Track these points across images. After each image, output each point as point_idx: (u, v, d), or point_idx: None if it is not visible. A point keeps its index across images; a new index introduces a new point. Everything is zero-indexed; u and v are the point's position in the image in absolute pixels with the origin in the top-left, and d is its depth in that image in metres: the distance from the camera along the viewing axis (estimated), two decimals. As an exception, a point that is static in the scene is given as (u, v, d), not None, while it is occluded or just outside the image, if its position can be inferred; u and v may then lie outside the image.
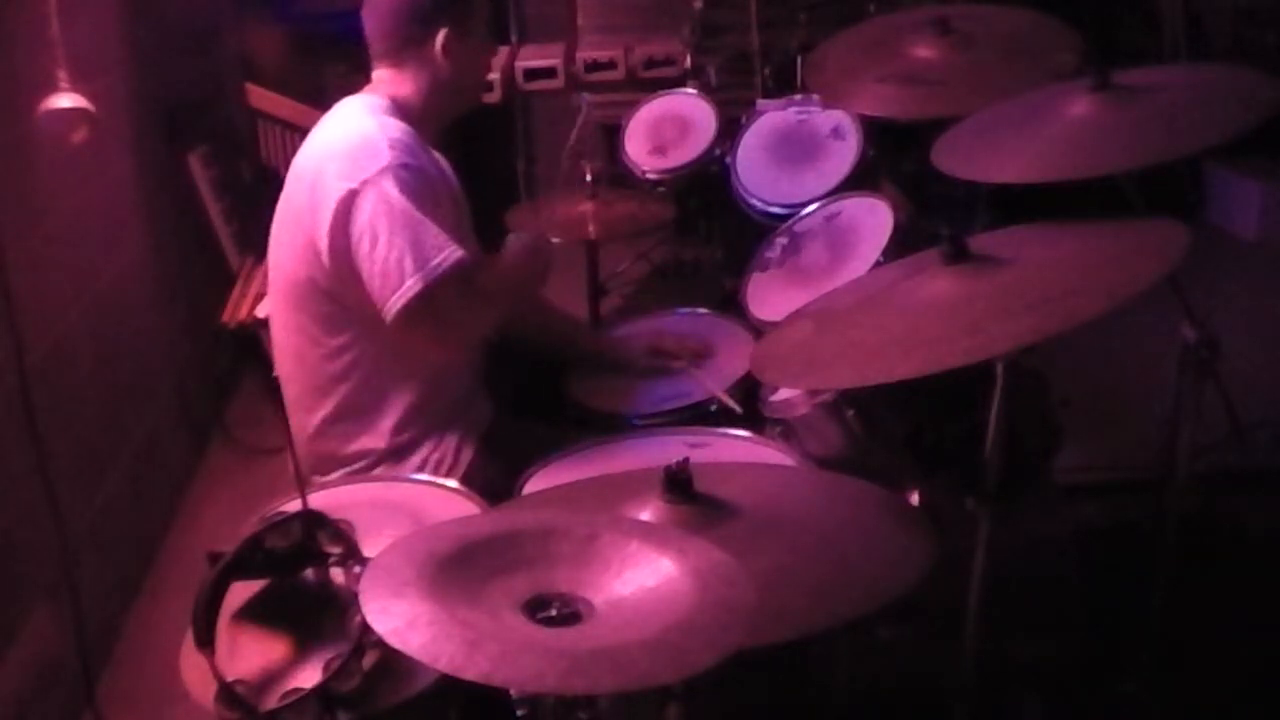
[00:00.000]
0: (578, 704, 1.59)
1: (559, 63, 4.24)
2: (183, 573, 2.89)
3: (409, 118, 2.25)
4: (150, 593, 2.98)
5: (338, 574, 1.58)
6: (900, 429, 2.05)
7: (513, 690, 1.65)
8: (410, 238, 2.10)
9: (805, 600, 1.45)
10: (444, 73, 2.28)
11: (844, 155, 2.81)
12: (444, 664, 1.17)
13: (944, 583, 1.55)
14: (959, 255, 1.68)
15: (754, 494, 1.63)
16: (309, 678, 1.48)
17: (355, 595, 1.34)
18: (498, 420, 2.39)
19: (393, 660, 1.47)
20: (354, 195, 2.11)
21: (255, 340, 3.44)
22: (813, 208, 2.66)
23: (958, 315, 1.59)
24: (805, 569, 1.50)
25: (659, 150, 3.16)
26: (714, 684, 1.43)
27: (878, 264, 2.33)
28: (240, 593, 1.58)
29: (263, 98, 4.03)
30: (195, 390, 3.56)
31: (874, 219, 2.49)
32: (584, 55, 4.22)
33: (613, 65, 4.19)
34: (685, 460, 1.57)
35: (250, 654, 1.53)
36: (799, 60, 3.24)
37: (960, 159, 1.98)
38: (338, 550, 1.56)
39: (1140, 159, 1.78)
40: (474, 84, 2.43)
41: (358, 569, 1.52)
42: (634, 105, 3.32)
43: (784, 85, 3.36)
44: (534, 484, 2.01)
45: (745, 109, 3.11)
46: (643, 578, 1.32)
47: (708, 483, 1.58)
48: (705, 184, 3.09)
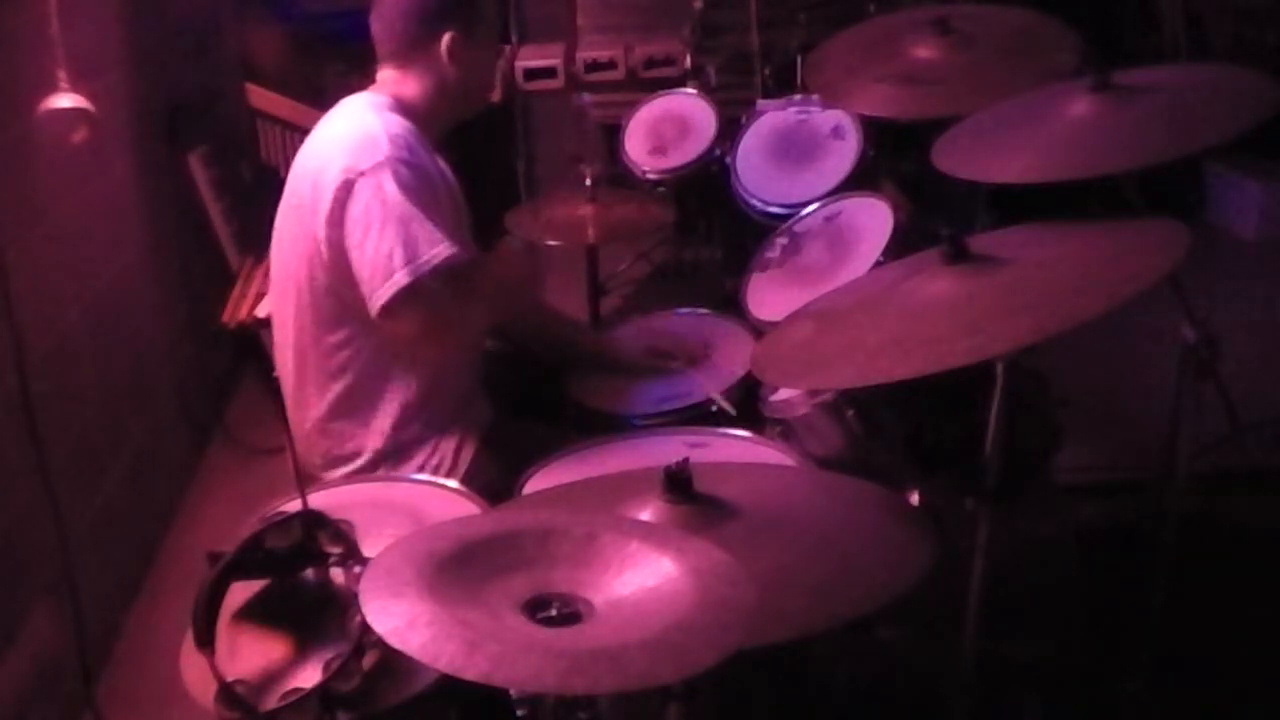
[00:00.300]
0: (578, 704, 1.59)
1: (559, 63, 4.24)
2: (183, 573, 2.89)
3: (412, 118, 2.25)
4: (150, 593, 2.98)
5: (338, 574, 1.58)
6: (900, 429, 2.05)
7: (513, 690, 1.65)
8: (401, 232, 2.10)
9: (805, 600, 1.45)
10: (449, 76, 2.28)
11: (844, 155, 2.81)
12: (444, 664, 1.17)
13: (944, 583, 1.55)
14: (959, 255, 1.68)
15: (754, 494, 1.63)
16: (309, 678, 1.48)
17: (355, 595, 1.34)
18: (498, 420, 2.39)
19: (393, 660, 1.47)
20: (350, 186, 2.12)
21: (255, 340, 3.44)
22: (813, 208, 2.66)
23: (958, 315, 1.59)
24: (805, 569, 1.50)
25: (659, 150, 3.16)
26: (714, 684, 1.44)
27: (878, 264, 2.33)
28: (240, 593, 1.58)
29: (263, 98, 4.04)
30: (195, 390, 3.56)
31: (874, 219, 2.49)
32: (584, 55, 4.22)
33: (613, 65, 4.19)
34: (685, 460, 1.57)
35: (250, 654, 1.53)
36: (799, 60, 3.24)
37: (960, 159, 1.98)
38: (338, 550, 1.56)
39: (1140, 159, 1.78)
40: (478, 88, 2.43)
41: (358, 569, 1.52)
42: (634, 105, 3.32)
43: (784, 85, 3.36)
44: (534, 484, 2.01)
45: (745, 109, 3.11)
46: (643, 578, 1.32)
47: (708, 483, 1.58)
48: (705, 184, 3.09)
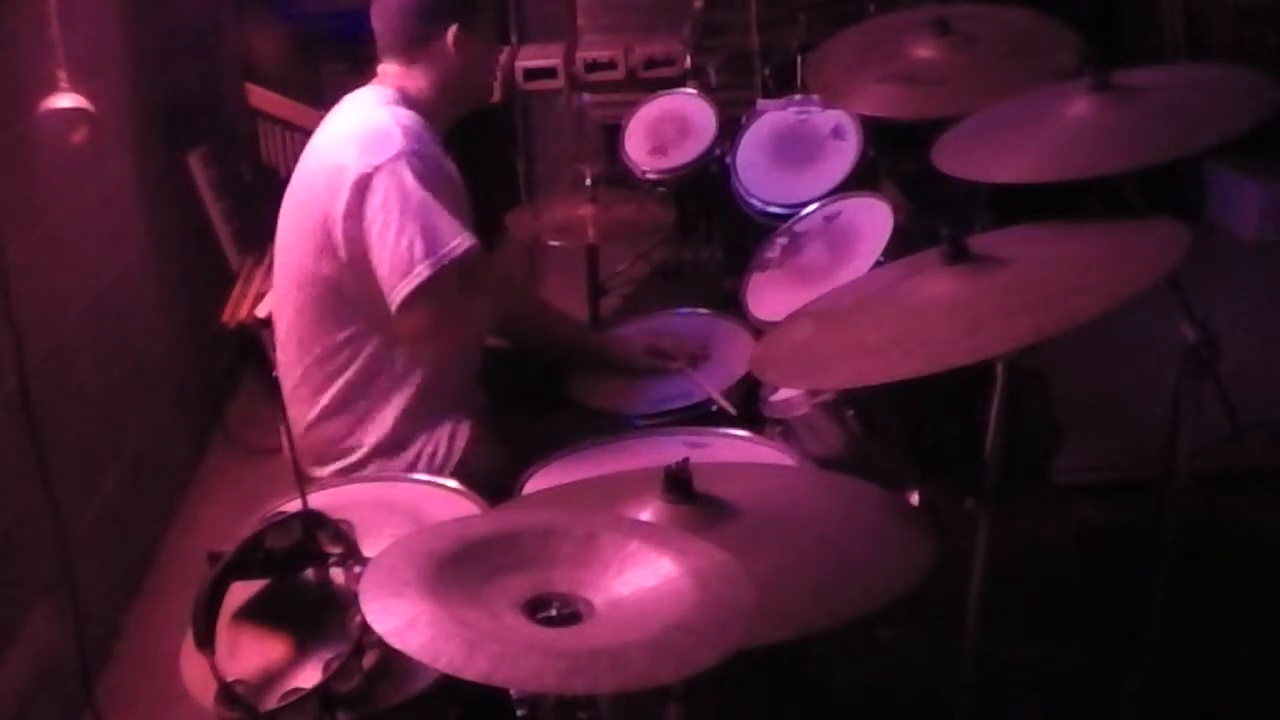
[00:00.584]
0: (578, 704, 1.59)
1: (559, 63, 4.23)
2: (183, 573, 2.89)
3: (418, 111, 2.27)
4: (150, 593, 2.98)
5: (338, 574, 1.58)
6: (900, 429, 2.05)
7: (513, 690, 1.65)
8: (423, 223, 2.11)
9: (805, 600, 1.45)
10: (453, 69, 2.29)
11: (844, 155, 2.81)
12: (444, 664, 1.17)
13: (944, 583, 1.55)
14: (959, 255, 1.68)
15: (754, 494, 1.63)
16: (309, 678, 1.48)
17: (355, 595, 1.34)
18: (496, 414, 2.39)
19: (393, 660, 1.47)
20: (368, 179, 2.12)
21: (255, 340, 3.43)
22: (813, 208, 2.66)
23: (958, 315, 1.59)
24: (805, 569, 1.50)
25: (659, 150, 3.15)
26: (714, 684, 1.44)
27: (878, 264, 2.33)
28: (240, 593, 1.58)
29: (263, 98, 4.03)
30: (195, 390, 3.56)
31: (874, 219, 2.49)
32: (584, 55, 4.21)
33: (613, 65, 4.18)
34: (685, 460, 1.57)
35: (250, 654, 1.53)
36: (799, 60, 3.23)
37: (960, 159, 1.98)
38: (338, 550, 1.56)
39: (1140, 159, 1.78)
40: (481, 82, 2.45)
41: (358, 569, 1.52)
42: (634, 105, 3.32)
43: (784, 85, 3.36)
44: (534, 484, 2.01)
45: (745, 109, 3.11)
46: (643, 578, 1.32)
47: (708, 483, 1.58)
48: (705, 184, 3.09)
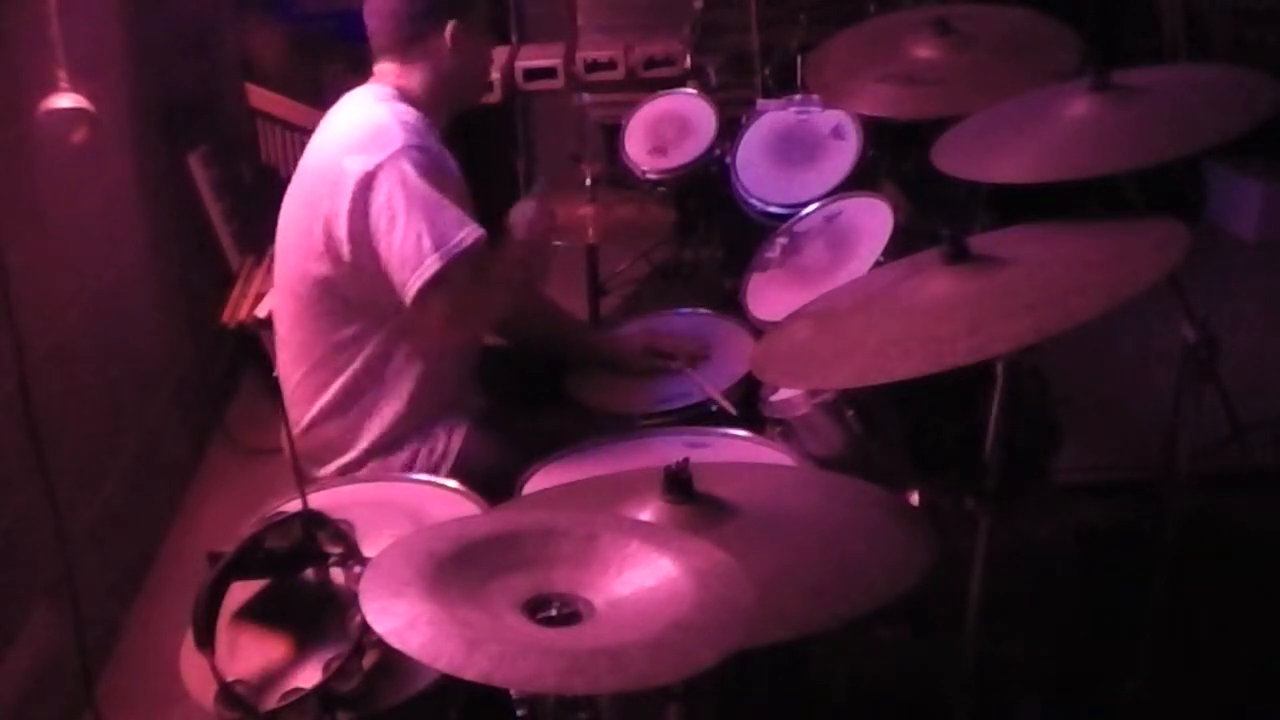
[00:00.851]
0: (578, 704, 1.59)
1: (559, 63, 4.23)
2: (183, 573, 2.89)
3: (417, 108, 2.27)
4: (150, 593, 2.98)
5: (338, 574, 1.58)
6: (900, 429, 2.05)
7: (513, 690, 1.65)
8: (428, 217, 2.11)
9: (805, 600, 1.45)
10: (450, 66, 2.29)
11: (844, 155, 2.81)
12: (444, 664, 1.17)
13: (944, 583, 1.55)
14: (959, 255, 1.68)
15: (754, 494, 1.63)
16: (309, 678, 1.48)
17: (355, 595, 1.34)
18: (496, 414, 2.39)
19: (393, 660, 1.47)
20: (371, 177, 2.12)
21: (255, 340, 3.44)
22: (813, 208, 2.66)
23: (958, 315, 1.59)
24: (805, 569, 1.50)
25: (659, 150, 3.15)
26: (714, 684, 1.44)
27: (878, 264, 2.33)
28: (240, 593, 1.58)
29: (263, 98, 4.03)
30: (195, 390, 3.56)
31: (874, 219, 2.49)
32: (584, 55, 4.21)
33: (613, 65, 4.18)
34: (685, 460, 1.57)
35: (250, 654, 1.54)
36: (799, 60, 3.23)
37: (960, 159, 1.98)
38: (338, 550, 1.57)
39: (1140, 159, 1.78)
40: (478, 78, 2.45)
41: (358, 569, 1.52)
42: (634, 105, 3.32)
43: (784, 85, 3.36)
44: (534, 484, 2.01)
45: (745, 109, 3.11)
46: (643, 578, 1.32)
47: (708, 483, 1.58)
48: (705, 184, 3.09)
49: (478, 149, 4.23)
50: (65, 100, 2.60)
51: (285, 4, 4.22)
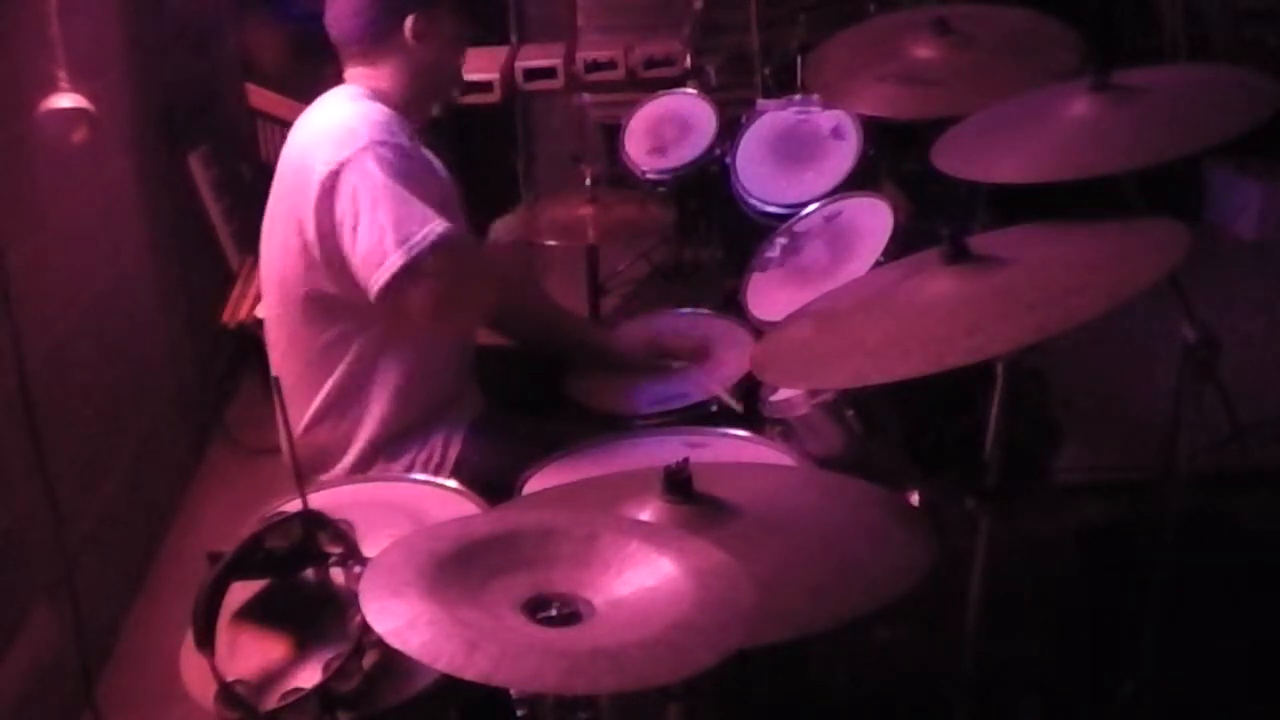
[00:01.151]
0: (578, 704, 1.59)
1: (559, 63, 4.23)
2: (183, 573, 2.89)
3: (391, 106, 2.25)
4: (150, 593, 2.98)
5: (338, 574, 1.58)
6: (900, 429, 2.05)
7: (513, 690, 1.65)
8: (391, 213, 2.09)
9: (805, 600, 1.45)
10: (420, 58, 2.28)
11: (844, 155, 2.81)
12: (444, 664, 1.17)
13: (944, 583, 1.55)
14: (959, 255, 1.68)
15: (754, 494, 1.63)
16: (309, 678, 1.48)
17: (355, 595, 1.34)
18: (493, 414, 2.39)
19: (393, 660, 1.47)
20: (335, 176, 2.11)
21: (255, 340, 3.43)
22: (813, 208, 2.66)
23: (958, 315, 1.59)
24: (805, 569, 1.50)
25: (659, 150, 3.15)
26: (714, 684, 1.44)
27: (878, 264, 2.33)
28: (240, 593, 1.58)
29: (263, 98, 4.03)
30: (195, 390, 3.56)
31: (874, 219, 2.49)
32: (584, 55, 4.21)
33: (613, 65, 4.18)
34: (685, 460, 1.57)
35: (250, 654, 1.53)
36: (799, 60, 3.24)
37: (960, 159, 1.98)
38: (338, 550, 1.56)
39: (1140, 159, 1.78)
40: (451, 68, 2.41)
41: (358, 569, 1.52)
42: (634, 105, 3.32)
43: (784, 85, 3.36)
44: (534, 484, 2.01)
45: (745, 109, 3.11)
46: (643, 578, 1.32)
47: (708, 483, 1.58)
48: (705, 184, 3.09)
49: (478, 149, 4.24)
50: (65, 100, 2.60)
51: (285, 4, 4.22)
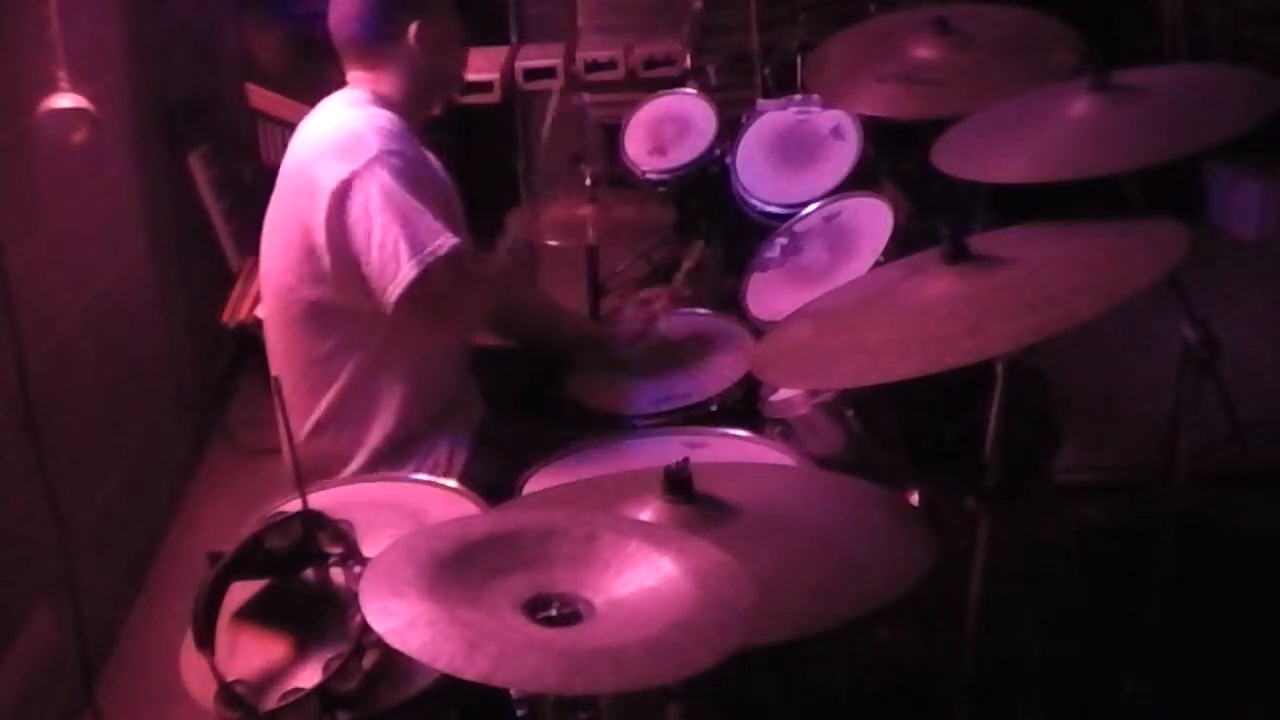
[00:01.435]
0: (578, 704, 1.59)
1: (559, 63, 4.23)
2: (183, 573, 2.89)
3: (394, 110, 2.25)
4: (150, 593, 2.98)
5: (338, 574, 1.57)
6: (900, 429, 2.05)
7: (513, 690, 1.65)
8: (405, 224, 2.10)
9: (805, 600, 1.45)
10: (421, 63, 2.28)
11: (844, 155, 2.81)
12: (444, 664, 1.17)
13: (944, 583, 1.55)
14: (959, 255, 1.68)
15: (754, 494, 1.63)
16: (309, 678, 1.48)
17: (355, 595, 1.34)
18: (494, 419, 2.39)
19: (393, 660, 1.47)
20: (347, 186, 2.11)
21: (255, 340, 3.43)
22: (813, 208, 2.66)
23: (958, 315, 1.59)
24: (805, 569, 1.50)
25: (659, 150, 3.15)
26: (714, 684, 1.44)
27: (878, 264, 2.33)
28: (240, 593, 1.58)
29: (263, 98, 4.03)
30: (195, 390, 3.56)
31: (874, 219, 2.49)
32: (584, 55, 4.22)
33: (613, 65, 4.19)
34: (685, 460, 1.57)
35: (250, 654, 1.53)
36: (799, 60, 3.24)
37: (960, 159, 1.98)
38: (338, 550, 1.56)
39: (1140, 159, 1.78)
40: (452, 70, 2.43)
41: (358, 569, 1.52)
42: (634, 105, 3.32)
43: (784, 85, 3.36)
44: (534, 484, 2.01)
45: (745, 109, 3.11)
46: (643, 578, 1.32)
47: (708, 483, 1.58)
48: (705, 184, 3.09)
49: (478, 149, 4.24)
50: (65, 100, 2.60)
51: (285, 4, 4.22)
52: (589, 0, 4.36)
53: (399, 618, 1.23)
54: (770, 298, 2.51)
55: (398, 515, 1.83)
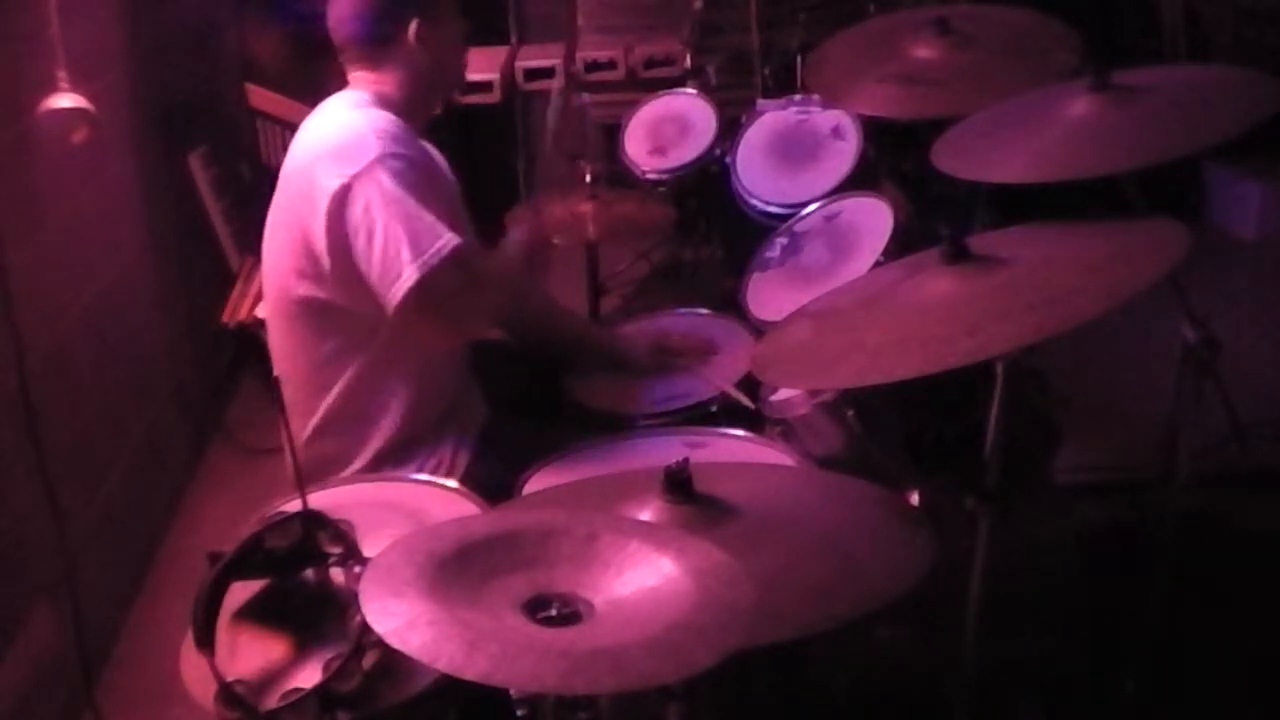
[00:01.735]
0: (578, 704, 1.59)
1: (559, 63, 4.24)
2: (183, 573, 2.89)
3: (395, 111, 2.24)
4: (150, 593, 2.98)
5: (338, 574, 1.58)
6: (900, 429, 2.05)
7: (513, 690, 1.65)
8: (406, 227, 2.09)
9: (805, 600, 1.45)
10: (422, 63, 2.28)
11: (844, 155, 2.81)
12: (444, 664, 1.17)
13: (944, 583, 1.55)
14: (959, 255, 1.68)
15: (754, 494, 1.63)
16: (309, 678, 1.48)
17: (355, 595, 1.34)
18: (496, 420, 2.39)
19: (393, 660, 1.47)
20: (346, 190, 2.10)
21: (255, 340, 3.43)
22: (813, 208, 2.66)
23: (958, 315, 1.59)
24: (805, 569, 1.50)
25: (659, 150, 3.16)
26: (714, 684, 1.44)
27: (878, 264, 2.33)
28: (240, 593, 1.58)
29: (263, 98, 4.03)
30: (195, 390, 3.56)
31: (874, 219, 2.50)
32: (584, 55, 4.22)
33: (613, 65, 4.19)
34: (685, 460, 1.57)
35: (250, 654, 1.53)
36: (799, 60, 3.24)
37: (960, 159, 1.98)
38: (338, 550, 1.56)
39: (1140, 159, 1.78)
40: (454, 69, 2.42)
41: (358, 569, 1.52)
42: (634, 105, 3.32)
43: (784, 85, 3.36)
44: (534, 484, 2.01)
45: (745, 109, 3.11)
46: (643, 578, 1.32)
47: (708, 483, 1.58)
48: (705, 184, 3.09)
49: (478, 149, 4.25)
50: (65, 100, 2.60)
51: (285, 4, 4.22)
52: (589, 0, 4.36)
53: (399, 618, 1.23)
54: (770, 298, 2.51)
55: (398, 515, 1.83)
